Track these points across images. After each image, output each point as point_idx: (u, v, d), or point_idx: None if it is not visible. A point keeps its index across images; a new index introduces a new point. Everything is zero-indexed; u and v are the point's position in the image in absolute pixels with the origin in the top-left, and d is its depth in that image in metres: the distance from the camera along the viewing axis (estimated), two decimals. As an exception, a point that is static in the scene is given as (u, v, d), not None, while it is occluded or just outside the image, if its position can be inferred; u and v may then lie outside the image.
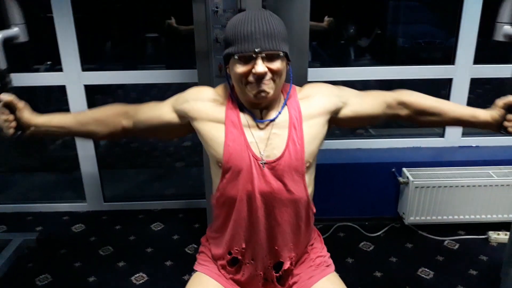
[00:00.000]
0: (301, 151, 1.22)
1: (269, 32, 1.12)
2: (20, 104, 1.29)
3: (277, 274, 1.33)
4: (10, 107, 1.27)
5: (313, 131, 1.24)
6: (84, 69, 2.59)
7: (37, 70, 2.97)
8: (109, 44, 4.65)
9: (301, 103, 1.26)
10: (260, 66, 1.12)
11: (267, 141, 1.21)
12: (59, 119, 1.35)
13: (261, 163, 1.20)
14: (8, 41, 1.37)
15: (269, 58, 1.13)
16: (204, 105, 1.26)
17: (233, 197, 1.25)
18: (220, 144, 1.21)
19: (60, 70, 2.60)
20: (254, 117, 1.22)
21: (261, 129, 1.22)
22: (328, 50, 4.44)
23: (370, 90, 1.37)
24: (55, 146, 3.85)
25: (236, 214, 1.26)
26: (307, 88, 1.31)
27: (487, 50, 2.67)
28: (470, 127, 1.38)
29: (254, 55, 1.12)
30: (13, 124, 1.29)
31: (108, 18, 4.33)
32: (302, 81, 1.91)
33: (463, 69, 2.61)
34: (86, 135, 1.38)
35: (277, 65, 1.14)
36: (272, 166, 1.21)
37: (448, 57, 2.66)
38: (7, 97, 1.26)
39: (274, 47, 1.13)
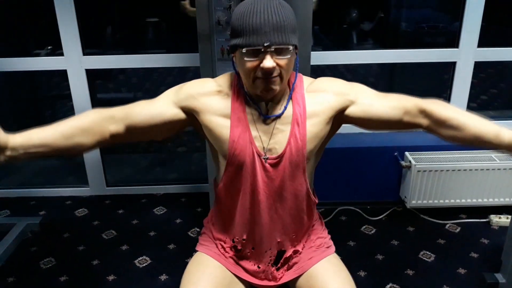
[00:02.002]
0: (303, 148, 1.20)
1: (279, 25, 1.06)
2: None
3: (277, 266, 1.35)
4: None
5: (316, 129, 1.21)
6: (85, 54, 2.58)
7: (37, 55, 2.96)
8: (110, 29, 4.61)
9: (307, 98, 1.22)
10: (269, 61, 1.06)
11: (270, 135, 1.21)
12: (40, 135, 1.12)
13: (264, 159, 1.20)
14: None
15: (278, 52, 1.08)
16: (210, 99, 1.21)
17: (237, 190, 1.25)
18: (226, 140, 1.20)
19: (61, 54, 2.59)
20: (260, 111, 1.20)
21: (266, 124, 1.21)
22: (330, 34, 4.40)
23: (392, 94, 1.25)
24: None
25: (239, 206, 1.27)
26: (319, 81, 1.26)
27: (490, 37, 2.65)
28: (494, 149, 1.19)
29: (262, 49, 1.07)
30: None
31: (108, 2, 4.29)
32: (305, 65, 1.91)
33: (467, 52, 2.59)
34: (72, 149, 1.16)
35: (285, 60, 1.09)
36: (274, 162, 1.21)
37: (452, 42, 2.63)
38: None
39: (284, 40, 1.07)
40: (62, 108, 3.86)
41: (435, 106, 1.21)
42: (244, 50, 1.08)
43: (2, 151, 1.07)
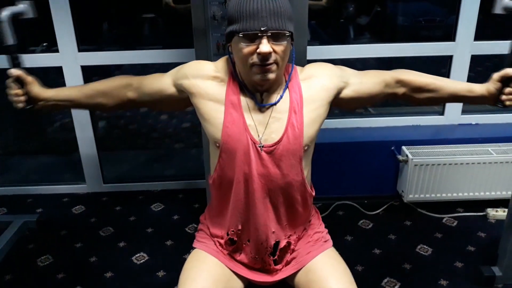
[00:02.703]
0: (300, 135, 1.20)
1: (275, 10, 1.08)
2: (29, 79, 1.30)
3: (274, 258, 1.34)
4: (19, 82, 1.30)
5: (314, 115, 1.23)
6: (80, 50, 2.57)
7: (32, 52, 2.94)
8: (106, 25, 4.59)
9: (303, 85, 1.23)
10: (265, 46, 1.08)
11: (266, 125, 1.20)
12: (67, 92, 1.37)
13: (259, 147, 1.19)
14: (16, 17, 1.37)
15: (275, 37, 1.09)
16: (204, 83, 1.23)
17: (230, 178, 1.24)
18: (219, 125, 1.20)
19: (56, 51, 2.57)
20: (255, 100, 1.20)
21: (261, 112, 1.21)
22: (327, 29, 4.39)
23: (368, 70, 1.35)
24: (54, 129, 3.84)
25: (233, 196, 1.27)
26: (309, 68, 1.29)
27: (488, 28, 2.64)
28: (467, 102, 1.38)
29: (259, 34, 1.08)
30: (23, 98, 1.30)
31: (104, -1, 4.26)
32: (301, 59, 1.90)
33: (464, 46, 2.58)
34: (94, 107, 1.40)
35: (282, 46, 1.10)
36: (270, 150, 1.20)
37: (449, 36, 2.63)
38: (16, 72, 1.29)
39: (280, 26, 1.09)
40: (58, 105, 3.85)
41: (410, 76, 1.32)
42: (241, 35, 1.09)
43: (37, 101, 1.33)
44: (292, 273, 1.35)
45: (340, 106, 1.33)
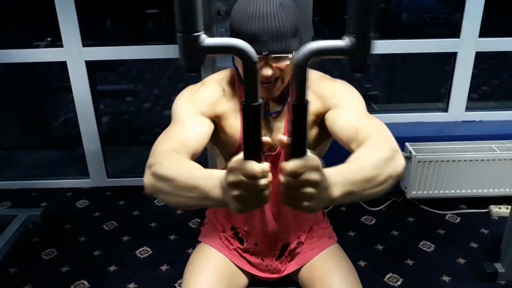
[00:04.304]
0: None
1: (278, 31, 1.01)
2: None
3: (280, 260, 1.35)
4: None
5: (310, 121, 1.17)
6: (85, 46, 2.57)
7: (37, 47, 2.95)
8: (110, 20, 4.60)
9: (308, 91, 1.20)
10: (267, 70, 1.05)
11: (270, 135, 1.20)
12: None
13: (266, 155, 1.19)
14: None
15: (278, 59, 1.05)
16: (223, 102, 1.17)
17: None
18: (238, 139, 1.17)
19: (61, 46, 2.58)
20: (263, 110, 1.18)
21: (266, 121, 1.20)
22: (331, 25, 4.39)
23: (380, 123, 1.09)
24: (58, 124, 3.86)
25: None
26: (315, 81, 1.20)
27: (493, 25, 2.64)
28: None
29: (260, 58, 1.02)
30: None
31: (108, -6, 4.27)
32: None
33: (468, 43, 2.57)
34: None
35: (285, 64, 1.06)
36: (274, 159, 1.20)
37: (453, 33, 2.62)
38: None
39: (283, 48, 1.03)
40: (63, 100, 3.87)
41: (366, 146, 0.99)
42: None
43: None
44: (296, 269, 1.35)
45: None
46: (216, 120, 1.17)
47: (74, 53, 2.57)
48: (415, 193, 2.54)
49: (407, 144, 2.55)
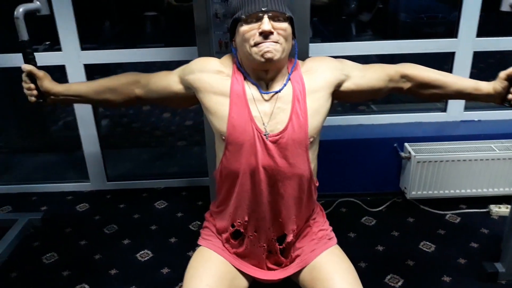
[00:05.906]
0: (305, 124, 1.22)
1: None
2: (40, 74, 1.36)
3: (281, 247, 1.35)
4: (31, 76, 1.36)
5: (316, 105, 1.25)
6: (83, 49, 2.58)
7: (35, 50, 2.95)
8: (108, 23, 4.60)
9: (305, 77, 1.26)
10: (267, 24, 1.13)
11: (271, 115, 1.22)
12: (76, 87, 1.43)
13: (264, 135, 1.21)
14: (30, 13, 1.43)
15: (275, 19, 1.15)
16: (210, 77, 1.26)
17: (236, 170, 1.25)
18: (224, 117, 1.22)
19: (59, 50, 2.58)
20: (259, 89, 1.22)
21: (266, 101, 1.23)
22: (329, 26, 4.39)
23: (372, 64, 1.36)
24: (58, 127, 3.85)
25: (239, 187, 1.27)
26: (310, 61, 1.31)
27: (491, 25, 2.64)
28: (473, 100, 1.35)
29: (261, 14, 1.14)
30: (35, 92, 1.37)
31: (106, -3, 4.28)
32: (303, 56, 1.90)
33: (466, 42, 2.58)
34: (102, 102, 1.43)
35: (283, 26, 1.16)
36: (275, 139, 1.21)
37: (451, 32, 2.62)
38: (27, 66, 1.35)
39: (280, 8, 1.15)
40: (62, 103, 3.86)
41: (416, 70, 1.33)
42: (243, 16, 1.15)
43: (48, 94, 1.39)
44: (297, 271, 1.36)
45: (341, 99, 1.35)
46: (195, 90, 1.29)
47: (72, 57, 2.57)
48: (414, 193, 2.55)
49: (406, 144, 2.55)
